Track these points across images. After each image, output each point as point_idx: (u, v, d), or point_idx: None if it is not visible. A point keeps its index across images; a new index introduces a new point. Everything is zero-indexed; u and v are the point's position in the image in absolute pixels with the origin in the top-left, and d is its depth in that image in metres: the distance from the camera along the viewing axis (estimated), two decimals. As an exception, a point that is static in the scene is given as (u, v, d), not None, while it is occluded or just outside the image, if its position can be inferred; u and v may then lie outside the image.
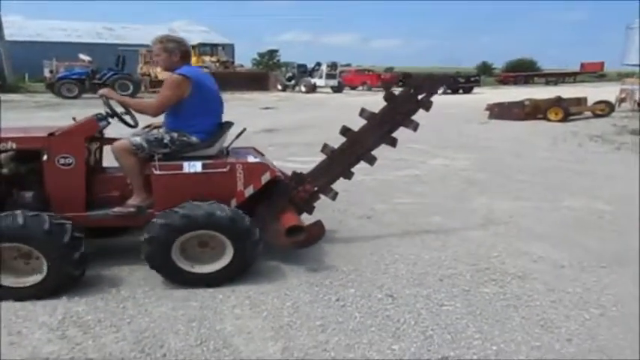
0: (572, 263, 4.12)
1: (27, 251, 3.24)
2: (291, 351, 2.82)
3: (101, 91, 3.81)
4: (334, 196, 4.25)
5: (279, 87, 34.77)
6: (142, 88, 26.31)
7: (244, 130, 4.17)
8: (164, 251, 3.43)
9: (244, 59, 69.09)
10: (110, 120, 3.88)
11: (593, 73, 57.98)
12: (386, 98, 4.15)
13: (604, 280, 3.80)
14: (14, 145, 3.53)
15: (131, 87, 24.67)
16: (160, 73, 29.67)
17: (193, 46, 33.62)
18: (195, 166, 3.69)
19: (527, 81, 52.75)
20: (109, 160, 4.06)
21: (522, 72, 58.16)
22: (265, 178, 3.86)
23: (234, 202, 3.76)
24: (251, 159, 3.95)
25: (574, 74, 55.91)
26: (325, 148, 4.22)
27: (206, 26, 39.41)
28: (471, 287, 3.66)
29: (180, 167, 3.67)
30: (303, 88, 32.73)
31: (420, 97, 4.10)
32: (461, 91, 34.11)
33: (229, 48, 38.35)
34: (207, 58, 32.91)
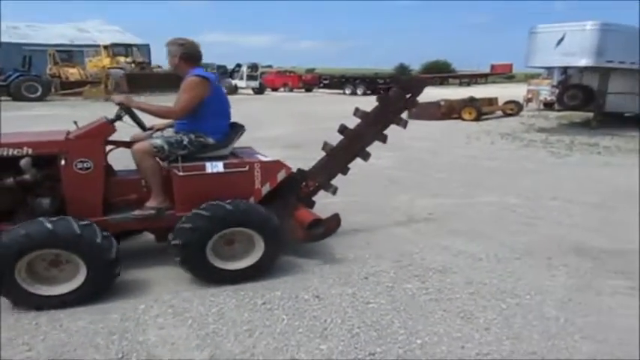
0: (489, 256, 4.31)
1: (55, 259, 3.20)
2: (219, 358, 2.77)
3: (118, 99, 3.69)
4: (334, 190, 4.52)
5: (199, 88, 34.03)
6: (52, 90, 24.81)
7: (244, 129, 4.17)
8: (200, 249, 3.50)
9: (162, 60, 67.20)
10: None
11: (503, 74, 61.17)
12: (379, 98, 4.42)
13: (518, 271, 4.00)
14: (30, 151, 3.40)
15: (40, 89, 23.31)
16: (71, 74, 28.36)
17: (105, 47, 32.29)
18: (218, 166, 3.77)
19: (442, 82, 54.82)
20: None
21: (438, 73, 60.41)
22: (281, 175, 4.01)
23: (252, 201, 3.85)
24: (265, 158, 4.05)
25: (485, 75, 58.81)
26: (325, 146, 4.49)
27: (120, 26, 37.90)
28: (394, 284, 3.74)
29: (203, 168, 3.73)
30: (224, 90, 32.21)
31: (407, 96, 4.46)
32: (382, 91, 34.91)
33: (145, 49, 37.02)
34: (121, 59, 31.58)
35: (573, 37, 12.07)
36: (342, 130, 4.43)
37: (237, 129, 4.09)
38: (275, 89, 37.50)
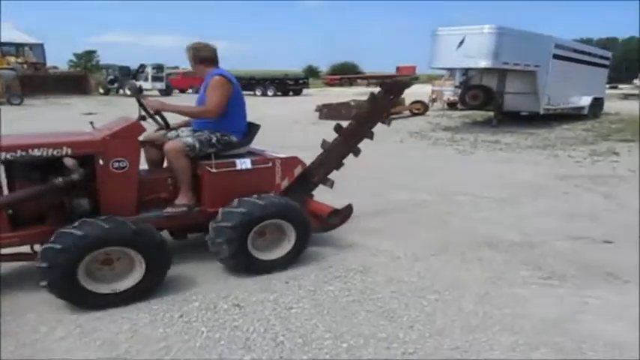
0: (407, 253, 4.36)
1: (107, 257, 3.24)
2: (133, 380, 2.56)
3: (154, 107, 3.79)
4: (332, 184, 4.84)
5: (101, 90, 32.49)
6: None
7: (259, 127, 4.33)
8: (242, 240, 3.66)
9: (58, 61, 63.55)
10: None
11: (408, 75, 63.42)
12: (369, 99, 4.76)
13: (435, 267, 4.07)
14: (70, 151, 3.38)
15: None
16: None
17: (-7, 45, 29.91)
18: (246, 163, 3.99)
19: (351, 83, 56.10)
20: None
21: (346, 74, 61.65)
22: (297, 170, 4.30)
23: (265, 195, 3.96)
24: (283, 154, 4.29)
25: (392, 76, 60.63)
26: (324, 143, 4.83)
27: (10, 24, 35.01)
28: (316, 287, 3.67)
29: (234, 164, 3.93)
30: (127, 91, 30.97)
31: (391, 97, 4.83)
32: (291, 93, 35.03)
33: (38, 48, 34.42)
34: (12, 59, 29.36)
35: (473, 40, 12.69)
36: (338, 129, 4.77)
37: (254, 127, 4.29)
38: (183, 90, 36.50)
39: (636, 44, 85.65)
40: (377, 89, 4.78)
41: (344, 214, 4.53)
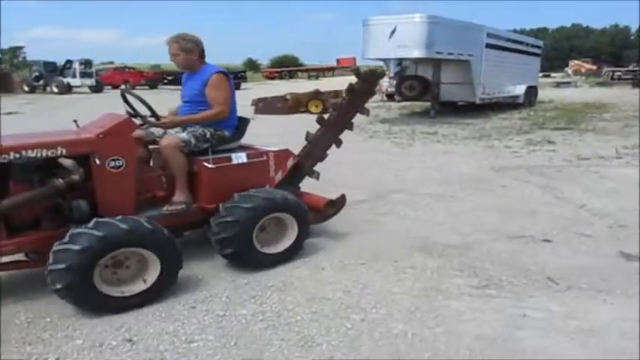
0: (334, 263, 3.93)
1: (116, 260, 3.12)
2: None
3: (166, 125, 3.86)
4: (317, 176, 4.85)
5: (26, 88, 30.62)
6: None
7: (249, 121, 4.35)
8: (248, 235, 3.64)
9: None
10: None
11: (348, 67, 63.43)
12: (347, 90, 4.76)
13: (363, 279, 3.65)
14: (65, 151, 3.22)
15: None
16: None
17: None
18: (242, 157, 3.95)
19: (291, 76, 55.50)
20: None
21: (286, 67, 60.99)
22: (290, 163, 4.31)
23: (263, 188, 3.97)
24: (274, 147, 4.27)
25: (332, 69, 60.58)
26: (308, 135, 4.75)
27: None
28: (226, 311, 3.18)
29: (230, 159, 3.89)
30: (55, 89, 29.31)
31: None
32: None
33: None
34: None
35: (404, 30, 12.46)
36: (320, 120, 4.76)
37: (245, 121, 4.28)
38: (116, 87, 34.91)
39: (566, 34, 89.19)
40: (318, 82, 4.55)
41: (339, 204, 4.54)
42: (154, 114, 3.91)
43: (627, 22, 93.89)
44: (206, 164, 3.75)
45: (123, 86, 34.99)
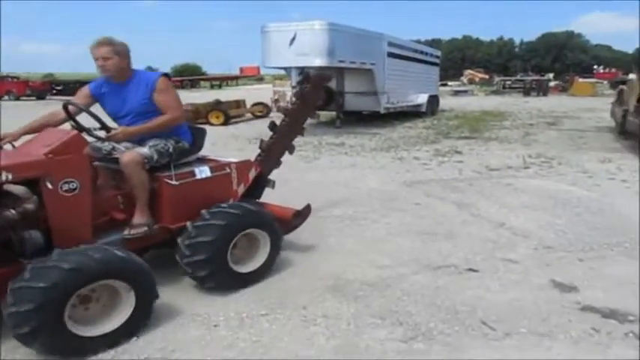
0: (229, 316, 3.19)
1: (83, 297, 2.71)
2: None
3: (119, 138, 3.40)
4: (273, 184, 4.57)
5: None
6: None
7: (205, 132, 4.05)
8: (222, 255, 3.39)
9: None
10: None
11: (253, 76, 62.58)
12: (296, 95, 4.60)
13: (264, 339, 2.93)
14: (10, 176, 2.77)
15: None
16: None
17: None
18: (205, 171, 3.71)
19: (193, 85, 53.69)
20: None
21: (188, 76, 59.02)
22: (252, 174, 4.09)
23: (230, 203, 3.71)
24: (234, 158, 4.05)
25: (236, 77, 59.43)
26: (261, 143, 4.53)
27: None
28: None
29: (193, 174, 3.64)
30: None
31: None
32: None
33: None
34: None
35: (305, 37, 11.92)
36: (272, 127, 4.56)
37: (201, 132, 4.01)
38: (-1, 97, 31.71)
39: (458, 45, 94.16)
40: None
41: (304, 214, 4.39)
42: (103, 126, 3.41)
43: (509, 36, 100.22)
44: (169, 181, 3.47)
45: (6, 97, 31.97)
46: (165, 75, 3.67)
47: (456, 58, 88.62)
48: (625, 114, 10.84)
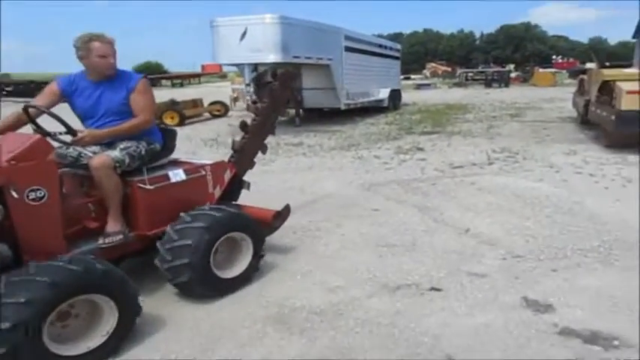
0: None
1: (61, 313, 2.53)
2: None
3: (86, 142, 3.20)
4: (248, 185, 4.42)
5: None
6: None
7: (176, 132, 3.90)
8: (205, 259, 3.23)
9: None
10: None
11: (215, 73, 61.42)
12: (267, 93, 4.39)
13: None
14: None
15: None
16: None
17: None
18: (179, 174, 3.58)
19: (154, 84, 52.22)
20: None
21: (149, 75, 57.55)
22: (227, 176, 4.00)
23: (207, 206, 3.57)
24: (209, 160, 3.98)
25: (198, 75, 58.20)
26: (234, 143, 4.34)
27: None
28: None
29: (168, 177, 3.51)
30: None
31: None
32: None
33: None
34: None
35: (257, 32, 11.33)
36: (244, 126, 4.40)
37: (172, 133, 3.88)
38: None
39: (420, 39, 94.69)
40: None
41: (284, 215, 4.29)
42: (69, 130, 3.19)
43: (469, 29, 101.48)
44: (142, 185, 3.32)
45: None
46: (146, 77, 3.58)
47: (419, 52, 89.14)
48: (587, 104, 10.66)
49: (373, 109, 17.04)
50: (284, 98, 4.62)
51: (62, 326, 2.60)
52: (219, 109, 17.87)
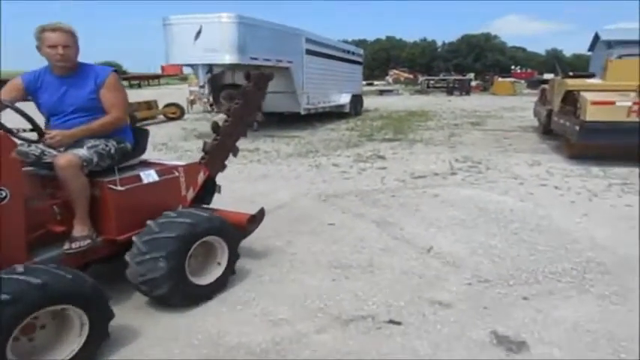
0: None
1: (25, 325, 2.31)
2: None
3: (60, 143, 3.05)
4: (219, 189, 4.36)
5: None
6: None
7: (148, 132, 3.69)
8: (180, 270, 3.07)
9: None
10: None
11: (175, 75, 60.09)
12: (241, 94, 4.25)
13: None
14: None
15: None
16: None
17: None
18: (152, 175, 3.41)
19: (110, 85, 50.72)
20: None
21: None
22: (201, 178, 3.87)
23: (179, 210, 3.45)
24: (182, 161, 3.93)
25: (158, 77, 56.78)
26: (205, 145, 4.16)
27: None
28: None
29: (139, 178, 3.32)
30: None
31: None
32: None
33: None
34: None
35: (212, 31, 10.73)
36: (215, 128, 4.70)
37: (144, 133, 3.68)
38: None
39: (383, 45, 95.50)
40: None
41: (259, 218, 4.17)
42: (35, 127, 3.04)
43: (431, 37, 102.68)
44: (113, 186, 3.13)
45: None
46: (116, 71, 3.37)
47: (382, 58, 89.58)
48: (550, 114, 10.51)
49: (334, 115, 16.66)
50: (257, 100, 4.45)
51: (29, 339, 2.41)
52: (175, 112, 17.20)
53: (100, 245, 3.15)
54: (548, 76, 34.39)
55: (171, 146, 10.56)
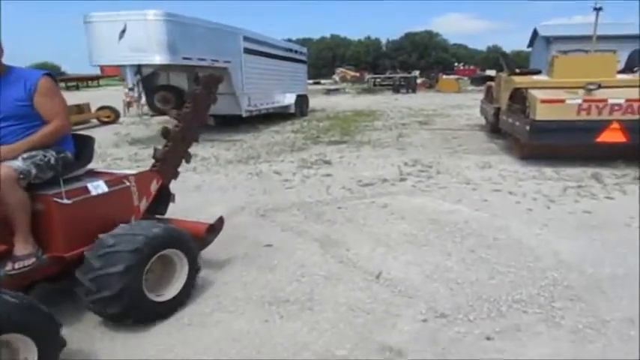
0: None
1: None
2: None
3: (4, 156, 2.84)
4: (173, 197, 4.14)
5: None
6: None
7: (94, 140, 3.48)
8: (137, 286, 2.89)
9: None
10: None
11: (115, 76, 57.90)
12: (190, 97, 4.09)
13: None
14: None
15: None
16: None
17: None
18: (100, 186, 3.20)
19: (45, 87, 48.33)
20: None
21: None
22: (154, 186, 3.70)
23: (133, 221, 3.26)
24: (133, 170, 3.74)
25: (97, 78, 54.54)
26: (155, 152, 3.95)
27: None
28: None
29: (87, 190, 3.10)
30: None
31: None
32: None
33: None
34: None
35: (137, 29, 9.91)
36: (166, 133, 3.96)
37: (89, 140, 3.47)
38: None
39: (328, 44, 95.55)
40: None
41: (218, 228, 4.03)
42: None
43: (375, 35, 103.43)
44: (59, 200, 2.87)
45: None
46: (50, 75, 3.07)
47: (327, 57, 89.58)
48: (497, 112, 10.27)
49: (279, 116, 16.07)
50: (208, 103, 4.26)
51: None
52: (109, 115, 16.19)
53: (46, 263, 2.92)
54: (490, 72, 34.94)
55: (100, 153, 9.68)
